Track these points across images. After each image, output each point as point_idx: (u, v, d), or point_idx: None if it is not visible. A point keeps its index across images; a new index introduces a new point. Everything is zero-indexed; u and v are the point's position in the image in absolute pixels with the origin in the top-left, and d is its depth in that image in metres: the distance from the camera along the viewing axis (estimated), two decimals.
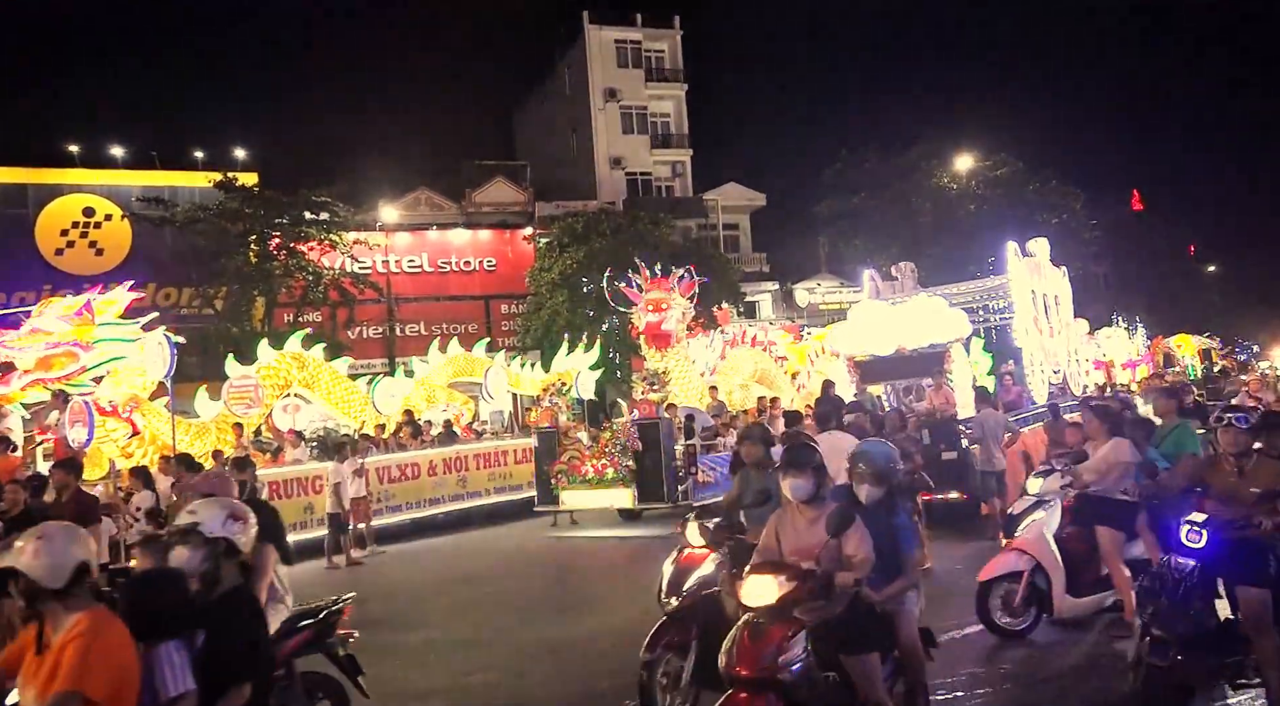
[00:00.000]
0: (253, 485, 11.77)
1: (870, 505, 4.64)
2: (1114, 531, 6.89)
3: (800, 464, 4.52)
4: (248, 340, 22.24)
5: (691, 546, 5.76)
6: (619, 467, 15.07)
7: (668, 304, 18.55)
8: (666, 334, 18.55)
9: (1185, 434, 7.73)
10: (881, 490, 4.68)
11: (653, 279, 18.84)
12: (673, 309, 18.61)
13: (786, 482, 4.51)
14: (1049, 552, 6.94)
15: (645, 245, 29.14)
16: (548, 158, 42.60)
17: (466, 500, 16.74)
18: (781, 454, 4.66)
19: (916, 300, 17.90)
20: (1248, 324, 57.11)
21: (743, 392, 21.13)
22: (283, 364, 17.14)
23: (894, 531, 4.62)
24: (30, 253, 29.60)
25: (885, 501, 4.69)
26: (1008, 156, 38.38)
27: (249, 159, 32.42)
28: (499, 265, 35.17)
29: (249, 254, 27.11)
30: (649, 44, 41.07)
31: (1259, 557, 4.92)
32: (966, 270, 29.55)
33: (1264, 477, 5.11)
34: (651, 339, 18.82)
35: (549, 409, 16.40)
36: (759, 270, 40.72)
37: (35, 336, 13.57)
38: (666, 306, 18.53)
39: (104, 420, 13.70)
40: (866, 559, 4.30)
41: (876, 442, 5.11)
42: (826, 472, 4.65)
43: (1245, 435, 5.25)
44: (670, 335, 18.60)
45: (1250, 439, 5.23)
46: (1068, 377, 19.56)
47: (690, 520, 5.90)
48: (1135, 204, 52.21)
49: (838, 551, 4.30)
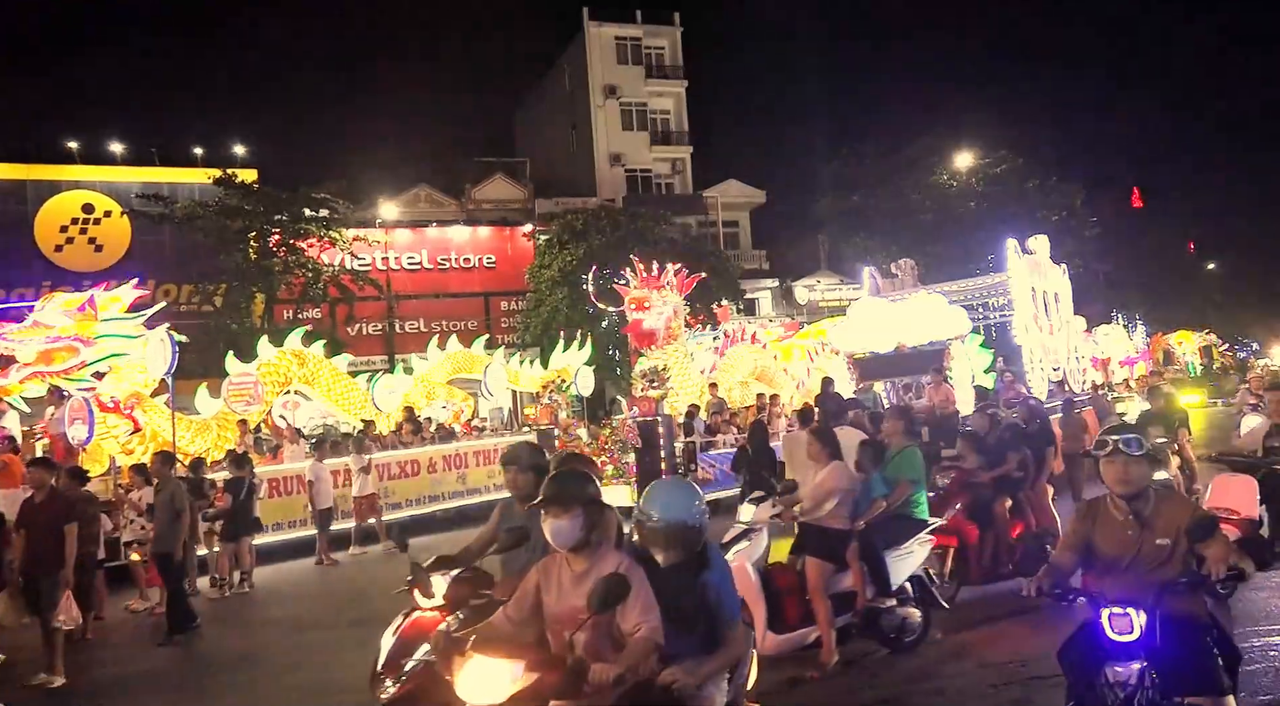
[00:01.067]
0: (251, 481, 11.85)
1: (671, 566, 3.55)
2: (822, 562, 6.32)
3: (564, 498, 3.33)
4: (247, 337, 22.25)
5: (420, 607, 4.46)
6: (618, 464, 15.07)
7: (650, 302, 18.29)
8: (651, 332, 18.29)
9: (908, 459, 7.30)
10: (680, 555, 3.55)
11: (645, 276, 18.64)
12: (656, 307, 18.27)
13: (546, 524, 3.34)
14: (751, 585, 6.22)
15: (645, 242, 29.15)
16: (547, 154, 42.58)
17: (466, 497, 16.74)
18: (544, 484, 3.47)
19: (916, 297, 17.93)
20: (1247, 321, 57.13)
21: (742, 390, 21.13)
22: (282, 361, 17.13)
23: (705, 591, 3.50)
24: (30, 249, 29.62)
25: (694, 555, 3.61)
26: (1008, 153, 38.38)
27: (249, 156, 32.46)
28: (499, 262, 35.16)
29: (249, 251, 27.10)
30: (649, 41, 41.04)
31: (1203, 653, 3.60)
32: (966, 267, 29.58)
33: (1170, 520, 3.70)
34: (636, 337, 18.72)
35: (548, 406, 16.40)
36: (759, 267, 40.73)
37: (37, 330, 13.55)
38: (649, 304, 18.28)
39: (105, 416, 13.70)
40: (647, 640, 3.14)
41: (673, 485, 3.84)
42: (602, 510, 3.53)
43: (1140, 466, 3.74)
44: (655, 333, 18.28)
45: (1149, 470, 3.80)
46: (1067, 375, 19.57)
47: (421, 570, 4.53)
48: (1135, 201, 52.16)
49: (609, 628, 3.23)
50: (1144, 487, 3.73)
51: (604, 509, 3.48)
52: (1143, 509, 3.73)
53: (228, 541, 11.45)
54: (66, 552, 7.64)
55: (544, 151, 42.96)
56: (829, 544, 6.38)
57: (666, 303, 18.43)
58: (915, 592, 6.73)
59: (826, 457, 6.55)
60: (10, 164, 30.16)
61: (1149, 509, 3.74)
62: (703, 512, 3.55)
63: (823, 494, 6.42)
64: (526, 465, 4.60)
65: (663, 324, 18.33)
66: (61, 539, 7.62)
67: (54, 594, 7.60)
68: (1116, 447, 3.71)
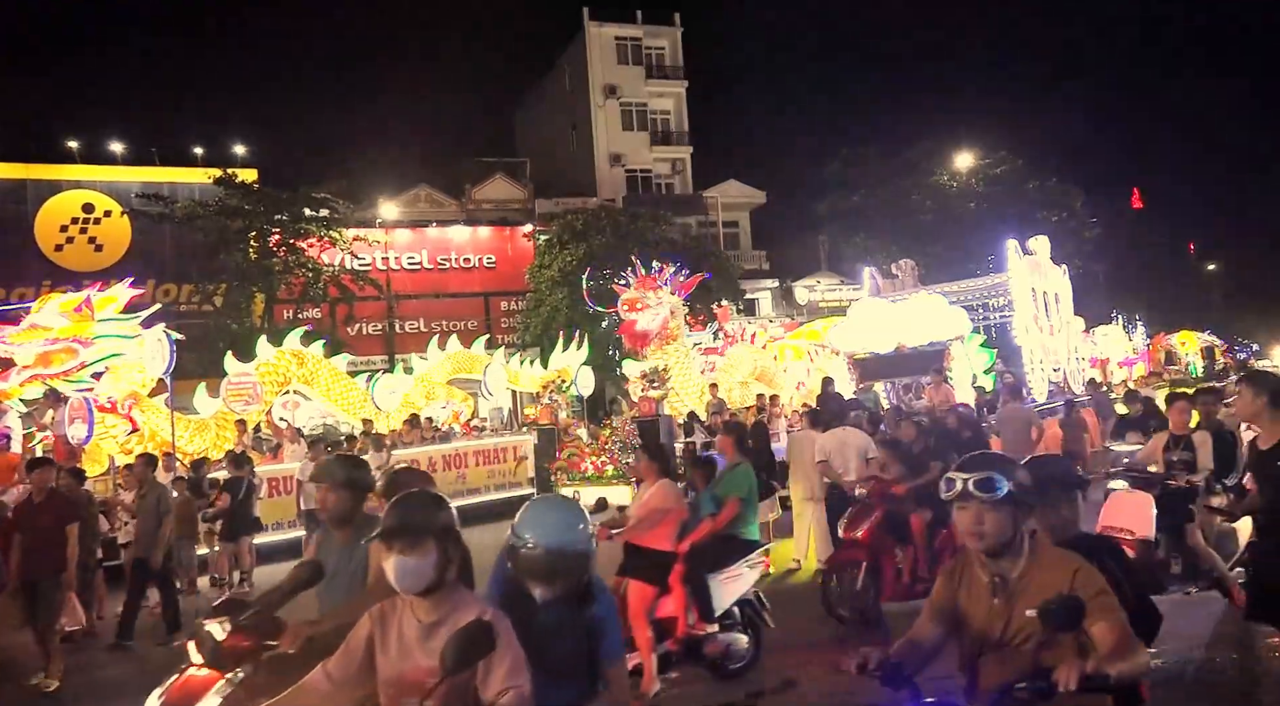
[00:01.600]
0: (250, 481, 11.85)
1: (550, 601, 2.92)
2: (644, 586, 5.95)
3: (413, 529, 2.64)
4: (247, 337, 22.23)
5: (192, 664, 3.60)
6: (618, 465, 15.08)
7: (644, 303, 18.15)
8: (644, 333, 18.16)
9: (738, 476, 6.83)
10: (561, 588, 2.90)
11: (641, 277, 18.52)
12: (650, 308, 18.10)
13: (389, 562, 2.63)
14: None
15: (645, 242, 29.13)
16: (548, 154, 42.57)
17: (465, 497, 16.74)
18: (387, 511, 2.78)
19: (916, 298, 17.95)
20: (1247, 322, 57.15)
21: (742, 390, 21.13)
22: (282, 361, 17.13)
23: (590, 629, 2.94)
24: (30, 249, 29.59)
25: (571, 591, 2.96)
26: (1008, 154, 38.42)
27: (249, 155, 32.45)
28: (499, 262, 35.14)
29: (248, 250, 27.08)
30: (649, 41, 41.04)
31: None
32: (966, 268, 29.61)
33: (1044, 586, 2.62)
34: (629, 338, 18.65)
35: (548, 406, 16.41)
36: (759, 268, 40.71)
37: (34, 332, 13.54)
38: (643, 306, 18.14)
39: (103, 416, 13.70)
40: None
41: (555, 504, 3.11)
42: (459, 543, 2.77)
43: (1001, 513, 2.67)
44: (648, 334, 18.14)
45: (1014, 518, 2.69)
46: (1067, 375, 19.60)
47: (207, 618, 3.64)
48: (1135, 202, 52.17)
49: (465, 694, 2.57)
50: (1009, 541, 2.69)
51: (460, 541, 2.77)
52: (1009, 569, 2.71)
53: (227, 541, 11.44)
54: (69, 554, 7.53)
55: (544, 151, 42.95)
56: (652, 566, 6.03)
57: (663, 303, 18.27)
58: (744, 617, 6.40)
59: (655, 475, 6.20)
60: (10, 163, 30.14)
61: (1018, 569, 2.71)
62: (590, 537, 2.99)
63: (648, 513, 6.06)
64: (342, 481, 3.82)
65: (658, 325, 18.17)
66: (63, 540, 7.54)
67: (55, 595, 7.51)
68: (966, 489, 2.67)
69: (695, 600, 6.13)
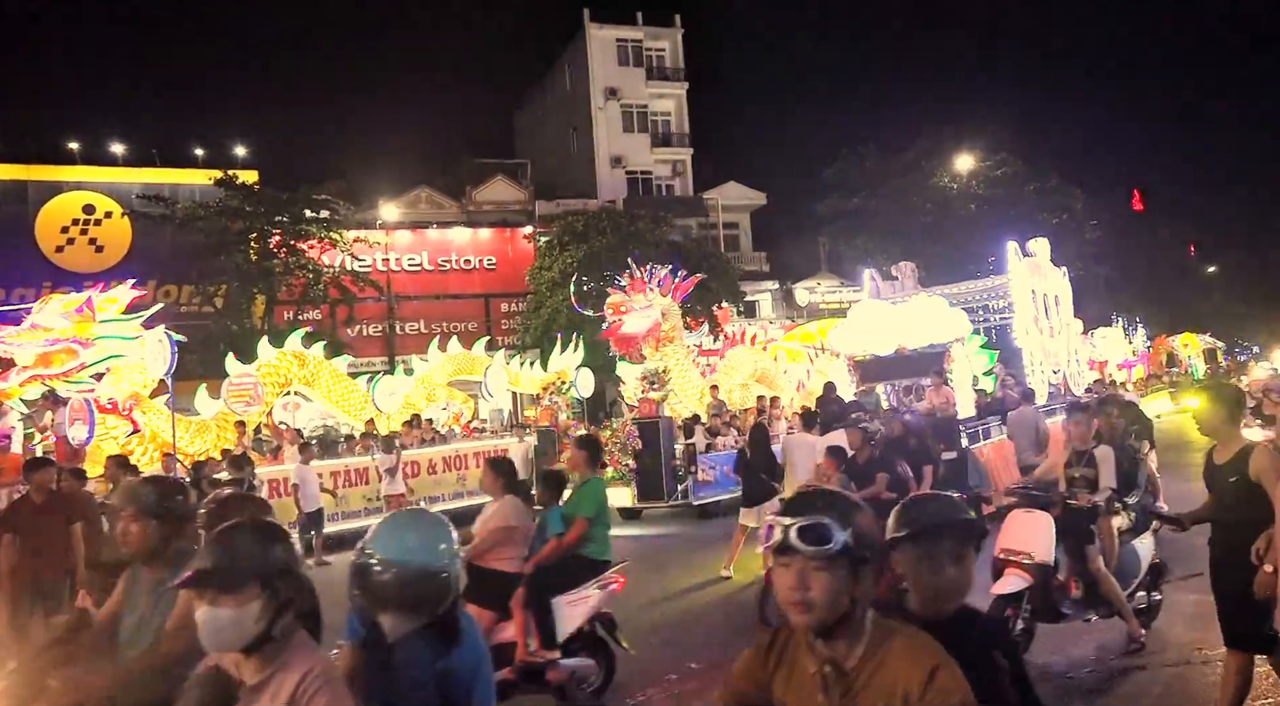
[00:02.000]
0: (250, 482, 11.85)
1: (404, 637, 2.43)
2: (481, 611, 5.46)
3: (232, 572, 2.17)
4: (248, 338, 22.26)
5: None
6: (619, 466, 15.07)
7: (629, 307, 17.95)
8: (631, 337, 17.96)
9: (585, 494, 6.37)
10: (417, 619, 2.42)
11: (633, 279, 18.36)
12: (636, 311, 17.85)
13: (201, 613, 2.16)
14: None
15: (645, 244, 29.15)
16: (548, 156, 42.59)
17: (465, 498, 16.73)
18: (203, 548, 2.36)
19: (917, 300, 17.95)
20: (1248, 324, 57.13)
21: (742, 392, 21.14)
22: (283, 362, 17.14)
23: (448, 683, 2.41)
24: (30, 250, 29.62)
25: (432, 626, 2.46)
26: (1008, 156, 38.45)
27: (249, 157, 32.48)
28: (499, 264, 35.16)
29: (249, 252, 27.11)
30: (650, 43, 41.06)
31: None
32: (966, 270, 29.60)
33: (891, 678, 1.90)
34: (616, 343, 18.56)
35: (549, 407, 16.40)
36: (759, 269, 40.71)
37: (35, 332, 13.56)
38: (627, 309, 17.93)
39: (104, 417, 13.71)
40: None
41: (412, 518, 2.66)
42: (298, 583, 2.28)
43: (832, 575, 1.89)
44: (636, 338, 17.92)
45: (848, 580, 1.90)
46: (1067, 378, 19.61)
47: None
48: (1135, 204, 52.25)
49: None
50: (846, 615, 1.92)
51: (300, 580, 2.27)
52: (844, 656, 1.94)
53: None
54: (75, 552, 7.46)
55: (545, 153, 42.97)
56: (491, 589, 5.60)
57: (652, 306, 18.00)
58: (591, 641, 6.03)
59: (500, 490, 5.83)
60: (11, 165, 30.17)
61: (854, 657, 1.94)
62: (453, 556, 2.46)
63: (489, 533, 5.70)
64: (148, 507, 3.19)
65: (646, 328, 17.93)
66: (66, 540, 7.48)
67: (63, 594, 7.45)
68: (787, 539, 1.89)
69: (537, 625, 5.73)
